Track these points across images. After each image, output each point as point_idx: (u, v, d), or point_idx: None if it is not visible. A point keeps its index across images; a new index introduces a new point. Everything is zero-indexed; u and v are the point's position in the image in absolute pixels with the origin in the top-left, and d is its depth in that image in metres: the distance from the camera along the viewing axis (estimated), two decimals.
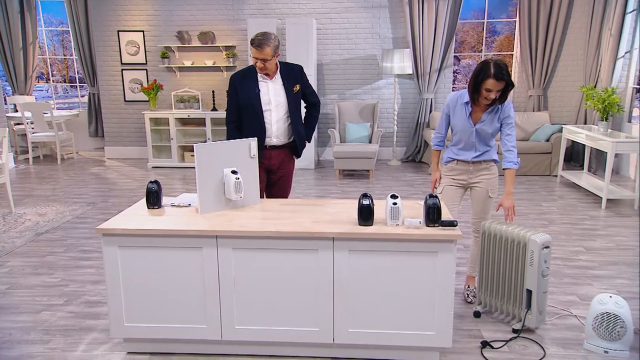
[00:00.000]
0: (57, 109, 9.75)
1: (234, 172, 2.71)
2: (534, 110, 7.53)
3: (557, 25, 7.23)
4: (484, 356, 2.65)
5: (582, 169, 6.87)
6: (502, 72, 2.80)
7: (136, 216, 2.68)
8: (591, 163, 6.74)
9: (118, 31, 7.93)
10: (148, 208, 2.81)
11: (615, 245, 4.22)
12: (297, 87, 3.34)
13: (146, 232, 2.47)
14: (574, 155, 7.43)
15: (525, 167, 6.78)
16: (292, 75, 3.34)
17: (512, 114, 3.03)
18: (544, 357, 2.64)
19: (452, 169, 3.21)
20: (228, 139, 3.31)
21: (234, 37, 7.80)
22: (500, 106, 3.01)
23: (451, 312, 2.49)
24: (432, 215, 2.47)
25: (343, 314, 2.53)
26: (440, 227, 2.47)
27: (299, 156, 3.53)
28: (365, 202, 2.51)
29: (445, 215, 2.64)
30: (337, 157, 6.75)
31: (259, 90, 3.25)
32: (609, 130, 5.75)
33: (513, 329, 2.88)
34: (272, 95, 3.28)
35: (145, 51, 7.96)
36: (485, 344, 2.73)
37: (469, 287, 3.34)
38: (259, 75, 3.25)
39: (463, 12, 7.38)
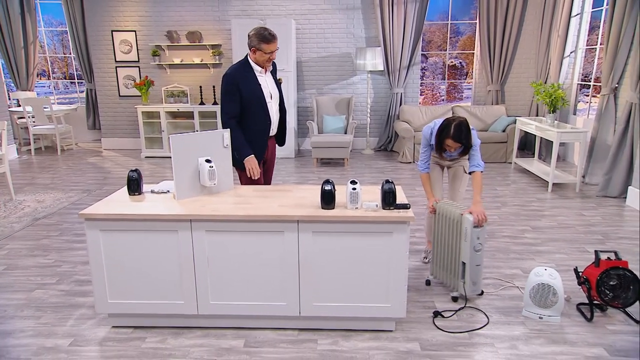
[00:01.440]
0: (58, 103, 9.52)
1: (208, 160, 2.67)
2: (492, 104, 7.56)
3: (512, 27, 7.25)
4: (435, 324, 2.68)
5: (534, 156, 6.95)
6: (460, 134, 2.82)
7: (117, 202, 2.63)
8: (541, 151, 6.81)
9: (112, 31, 7.73)
10: (129, 194, 2.76)
11: (557, 224, 4.29)
12: (281, 79, 3.29)
13: (126, 216, 2.43)
14: (527, 144, 7.50)
15: (484, 155, 6.82)
16: (274, 69, 3.32)
17: (476, 149, 2.98)
18: (487, 323, 2.68)
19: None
20: (231, 134, 3.12)
21: (220, 36, 7.66)
22: None
23: (405, 287, 2.50)
24: (388, 199, 2.47)
25: (308, 289, 2.53)
26: (395, 210, 2.47)
27: (284, 144, 3.48)
28: (327, 187, 2.50)
29: (401, 199, 2.65)
30: (314, 146, 6.71)
31: (260, 84, 3.14)
32: (556, 121, 5.80)
33: (451, 297, 2.92)
34: (271, 88, 3.21)
35: (137, 50, 7.78)
36: (437, 314, 2.76)
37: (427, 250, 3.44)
38: (255, 70, 3.12)
39: (429, 14, 7.36)
